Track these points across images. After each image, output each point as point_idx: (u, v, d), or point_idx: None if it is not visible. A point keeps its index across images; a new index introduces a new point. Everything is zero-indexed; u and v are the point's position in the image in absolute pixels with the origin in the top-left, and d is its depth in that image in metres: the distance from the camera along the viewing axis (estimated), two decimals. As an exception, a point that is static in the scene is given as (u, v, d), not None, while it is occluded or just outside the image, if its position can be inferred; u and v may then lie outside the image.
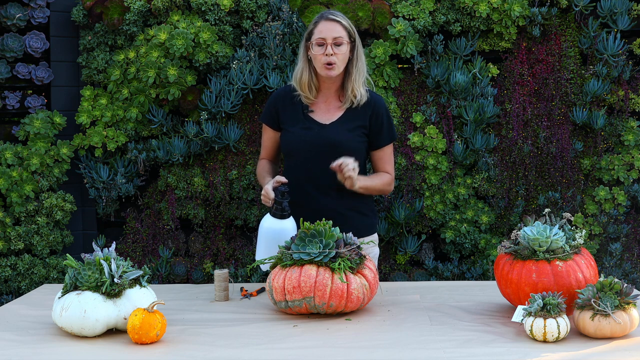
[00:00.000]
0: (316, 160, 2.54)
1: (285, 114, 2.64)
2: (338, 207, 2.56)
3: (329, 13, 2.57)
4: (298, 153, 2.60)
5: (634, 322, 1.93)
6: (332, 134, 2.56)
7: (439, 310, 2.25)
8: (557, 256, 2.08)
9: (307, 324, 2.12)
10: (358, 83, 2.58)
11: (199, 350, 1.89)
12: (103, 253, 2.07)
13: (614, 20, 3.39)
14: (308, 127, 2.58)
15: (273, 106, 2.68)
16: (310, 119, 2.60)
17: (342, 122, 2.58)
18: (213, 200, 3.49)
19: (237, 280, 3.45)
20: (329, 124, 2.58)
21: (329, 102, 2.62)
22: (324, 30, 2.51)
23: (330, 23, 2.52)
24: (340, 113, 2.60)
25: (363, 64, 2.61)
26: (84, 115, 3.46)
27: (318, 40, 2.51)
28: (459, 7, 3.41)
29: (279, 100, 2.67)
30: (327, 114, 2.61)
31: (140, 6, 3.42)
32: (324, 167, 2.52)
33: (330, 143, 2.54)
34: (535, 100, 3.46)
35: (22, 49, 3.44)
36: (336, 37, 2.50)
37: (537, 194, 3.46)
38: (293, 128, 2.60)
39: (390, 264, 3.51)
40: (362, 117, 2.59)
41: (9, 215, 3.39)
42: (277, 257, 2.25)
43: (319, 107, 2.62)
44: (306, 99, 2.61)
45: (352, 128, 2.57)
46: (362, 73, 2.59)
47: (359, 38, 2.61)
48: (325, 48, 2.50)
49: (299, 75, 2.60)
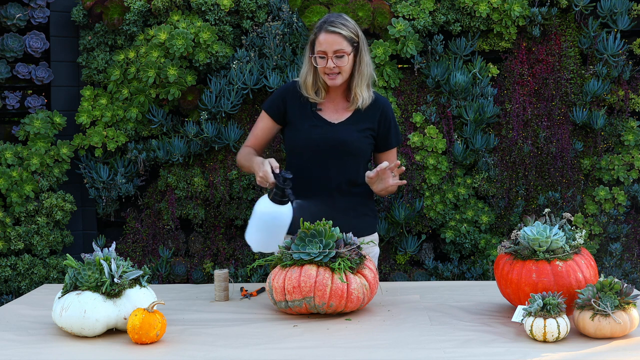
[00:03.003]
0: (321, 159, 2.53)
1: (294, 109, 2.59)
2: (340, 206, 2.55)
3: (329, 23, 2.48)
4: (304, 150, 2.56)
5: (634, 322, 1.93)
6: (341, 133, 2.54)
7: (439, 310, 2.25)
8: (557, 256, 2.08)
9: (307, 324, 2.12)
10: (360, 87, 2.54)
11: (199, 350, 1.89)
12: (103, 253, 2.07)
13: (614, 20, 3.39)
14: (316, 125, 2.55)
15: (281, 98, 2.62)
16: (319, 117, 2.57)
17: (350, 122, 2.56)
18: (213, 200, 3.49)
19: (237, 280, 3.45)
20: (338, 124, 2.56)
21: (337, 103, 2.59)
22: (324, 44, 2.45)
23: (330, 35, 2.45)
24: (348, 114, 2.58)
25: (367, 66, 2.55)
26: (84, 115, 3.46)
27: (319, 53, 2.47)
28: (459, 7, 3.41)
29: (288, 94, 2.61)
30: (335, 114, 2.58)
31: (140, 6, 3.42)
32: (328, 166, 2.52)
33: (339, 142, 2.52)
34: (535, 100, 3.46)
35: (22, 49, 3.44)
36: (337, 49, 2.45)
37: (537, 194, 3.46)
38: (301, 125, 2.57)
39: (390, 264, 3.51)
40: (370, 119, 2.58)
41: (9, 215, 3.39)
42: (277, 257, 2.25)
43: (326, 107, 2.59)
44: (313, 100, 2.58)
45: (361, 129, 2.56)
46: (364, 76, 2.54)
47: (363, 40, 2.55)
48: (327, 61, 2.46)
49: (304, 78, 2.56)
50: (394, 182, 2.44)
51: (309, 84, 2.55)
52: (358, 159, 2.58)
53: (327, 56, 2.46)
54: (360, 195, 2.60)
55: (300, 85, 2.59)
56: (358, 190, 2.59)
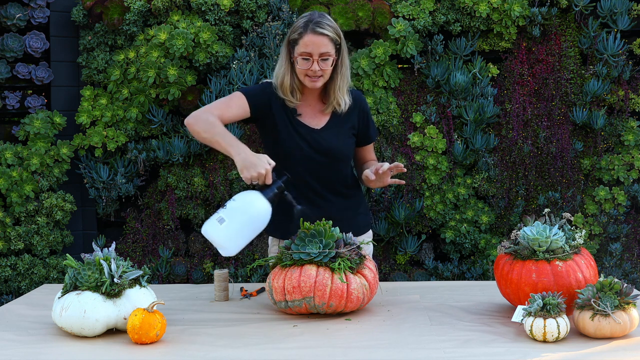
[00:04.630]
0: (309, 165, 2.44)
1: (278, 116, 2.44)
2: (336, 208, 2.51)
3: (315, 24, 2.32)
4: (291, 157, 2.44)
5: (634, 322, 1.92)
6: (326, 140, 2.44)
7: (439, 310, 2.25)
8: (557, 256, 2.07)
9: (307, 324, 2.12)
10: (342, 91, 2.42)
11: (199, 350, 1.89)
12: (103, 253, 2.07)
13: (614, 20, 3.39)
14: (299, 132, 2.44)
15: (266, 95, 2.43)
16: (300, 123, 2.45)
17: (331, 126, 2.46)
18: (213, 200, 3.49)
19: (237, 280, 3.45)
20: (321, 129, 2.46)
21: (313, 106, 2.47)
22: (310, 45, 2.31)
23: (317, 37, 2.30)
24: (327, 117, 2.46)
25: (347, 69, 2.42)
26: (84, 115, 3.46)
27: (303, 54, 2.32)
28: (459, 7, 3.41)
29: (272, 97, 2.44)
30: (314, 119, 2.46)
31: (140, 6, 3.42)
32: (316, 171, 2.45)
33: (325, 149, 2.43)
34: (535, 100, 3.46)
35: (22, 49, 3.44)
36: (323, 52, 2.31)
37: (537, 194, 3.46)
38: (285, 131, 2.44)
39: (390, 264, 3.50)
40: (350, 118, 2.49)
41: (9, 215, 3.39)
42: (277, 257, 2.24)
43: (303, 111, 2.46)
44: (289, 103, 2.44)
45: (343, 132, 2.47)
46: (346, 79, 2.42)
47: (344, 41, 2.42)
48: (312, 64, 2.32)
49: (281, 79, 2.41)
50: (393, 181, 2.39)
51: (286, 85, 2.40)
52: (346, 161, 2.52)
53: (311, 58, 2.32)
54: (351, 195, 2.55)
55: (276, 87, 2.43)
56: (350, 190, 2.55)
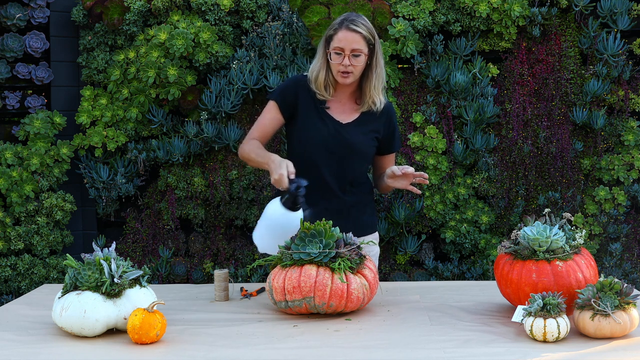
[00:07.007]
0: (328, 157, 2.52)
1: (304, 104, 2.55)
2: (343, 205, 2.57)
3: (350, 21, 2.45)
4: (312, 147, 2.53)
5: (634, 322, 1.92)
6: (350, 134, 2.53)
7: (439, 310, 2.25)
8: (557, 256, 2.08)
9: (307, 324, 2.12)
10: (377, 90, 2.53)
11: (199, 350, 1.89)
12: (103, 253, 2.07)
13: (614, 20, 3.39)
14: (325, 123, 2.53)
15: (293, 91, 2.57)
16: (328, 115, 2.54)
17: (358, 124, 2.55)
18: (213, 200, 3.49)
19: (237, 280, 3.45)
20: (346, 124, 2.55)
21: (344, 103, 2.57)
22: (342, 40, 2.44)
23: (350, 33, 2.44)
24: (356, 115, 2.56)
25: (382, 70, 2.54)
26: (84, 115, 3.46)
27: (336, 49, 2.45)
28: (459, 7, 3.41)
29: (300, 88, 2.56)
30: (342, 114, 2.56)
31: (140, 6, 3.42)
32: (334, 164, 2.52)
33: (347, 142, 2.52)
34: (535, 100, 3.46)
35: (22, 49, 3.44)
36: (355, 48, 2.43)
37: (537, 194, 3.46)
38: (310, 121, 2.54)
39: (390, 264, 3.50)
40: (377, 122, 2.58)
41: (9, 215, 3.39)
42: (277, 257, 2.25)
43: (333, 106, 2.56)
44: (320, 97, 2.54)
45: (367, 132, 2.56)
46: (381, 79, 2.53)
47: (379, 42, 2.53)
48: (343, 58, 2.44)
49: (316, 74, 2.53)
50: (411, 188, 2.48)
51: (320, 80, 2.52)
52: (363, 160, 2.60)
53: (343, 53, 2.44)
54: (362, 193, 2.62)
55: (310, 80, 2.55)
56: (360, 190, 2.62)
